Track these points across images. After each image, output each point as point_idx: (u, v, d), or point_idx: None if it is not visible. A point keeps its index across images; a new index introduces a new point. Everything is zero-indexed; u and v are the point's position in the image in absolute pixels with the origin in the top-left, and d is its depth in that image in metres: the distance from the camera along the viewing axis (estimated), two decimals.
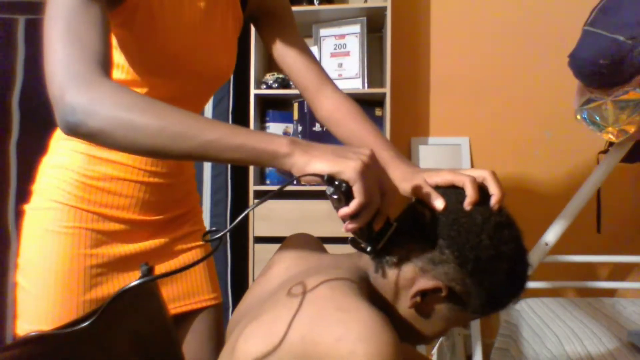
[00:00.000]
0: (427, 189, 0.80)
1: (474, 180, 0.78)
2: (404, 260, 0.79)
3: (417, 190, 0.82)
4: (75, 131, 0.69)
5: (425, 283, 0.76)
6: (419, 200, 0.81)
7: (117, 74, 0.94)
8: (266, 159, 0.68)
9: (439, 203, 0.77)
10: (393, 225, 0.77)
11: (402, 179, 0.86)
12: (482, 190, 0.78)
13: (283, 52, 1.12)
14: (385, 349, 0.61)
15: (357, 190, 0.65)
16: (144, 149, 0.69)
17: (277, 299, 0.76)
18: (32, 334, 0.65)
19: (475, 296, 0.77)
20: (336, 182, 0.66)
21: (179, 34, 0.94)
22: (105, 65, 0.73)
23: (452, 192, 0.79)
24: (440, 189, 0.80)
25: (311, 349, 0.64)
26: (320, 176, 0.66)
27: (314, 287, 0.72)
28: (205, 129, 0.67)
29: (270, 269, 0.92)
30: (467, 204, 0.76)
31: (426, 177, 0.82)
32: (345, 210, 0.67)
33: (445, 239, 0.75)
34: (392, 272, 0.80)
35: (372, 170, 0.67)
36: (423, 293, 0.77)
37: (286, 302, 0.72)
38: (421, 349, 2.37)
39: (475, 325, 2.17)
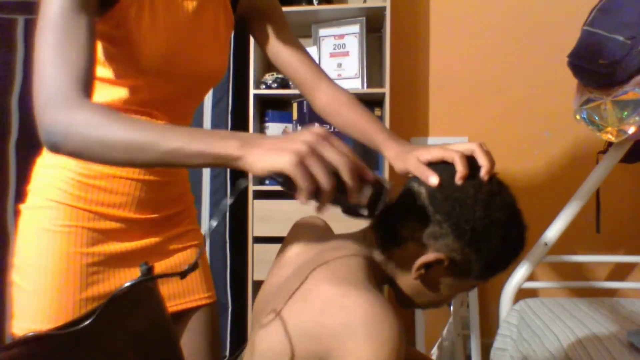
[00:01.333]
0: (420, 167, 0.85)
1: (462, 155, 0.83)
2: (407, 238, 0.84)
3: (411, 168, 0.87)
4: (55, 151, 0.75)
5: (427, 256, 0.82)
6: (414, 177, 0.87)
7: (108, 73, 0.95)
8: (223, 163, 0.70)
9: (433, 179, 0.82)
10: (385, 189, 0.76)
11: (396, 158, 0.93)
12: (472, 163, 0.83)
13: (277, 50, 1.15)
14: (385, 330, 0.67)
15: (298, 181, 0.65)
16: (117, 162, 0.75)
17: (290, 287, 0.82)
18: (31, 334, 0.64)
19: (475, 263, 0.83)
20: (278, 179, 0.68)
21: (170, 34, 0.95)
22: (87, 83, 0.77)
23: (444, 168, 0.83)
24: (433, 165, 0.85)
25: (321, 331, 0.70)
26: (266, 176, 0.68)
27: (323, 275, 0.78)
28: (167, 138, 0.71)
29: (283, 257, 0.97)
30: (458, 179, 0.81)
31: (418, 155, 0.87)
32: (300, 199, 0.67)
33: (442, 214, 0.81)
34: (396, 250, 0.86)
35: (314, 155, 0.66)
36: (427, 265, 0.83)
37: (300, 290, 0.79)
38: (420, 348, 2.37)
39: (475, 325, 2.17)
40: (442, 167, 0.83)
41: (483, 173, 0.82)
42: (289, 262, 0.94)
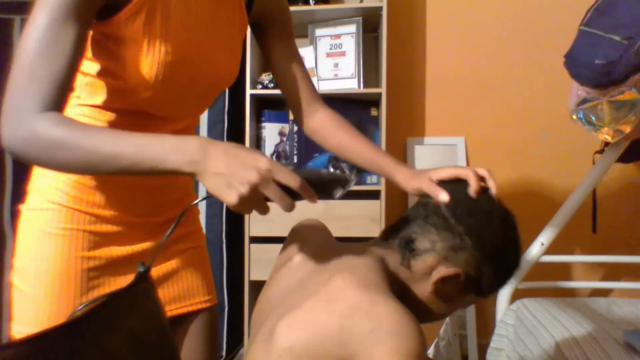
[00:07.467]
0: (432, 186, 0.92)
1: (476, 172, 0.90)
2: (427, 249, 0.87)
3: (423, 186, 0.93)
4: (15, 157, 0.77)
5: (446, 271, 0.86)
6: (427, 196, 0.93)
7: (109, 74, 0.92)
8: (176, 174, 0.75)
9: (443, 196, 0.88)
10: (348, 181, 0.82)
11: (409, 179, 0.99)
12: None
13: (280, 60, 1.15)
14: (412, 342, 0.69)
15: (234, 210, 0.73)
16: (77, 173, 0.82)
17: (310, 289, 0.81)
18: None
19: (487, 279, 0.87)
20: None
21: (181, 40, 0.92)
22: (60, 95, 0.77)
23: (459, 185, 0.89)
24: (446, 183, 0.91)
25: (347, 336, 0.71)
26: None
27: (348, 281, 0.78)
28: (117, 157, 0.74)
29: (290, 260, 0.97)
30: (472, 192, 0.88)
31: (431, 175, 0.94)
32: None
33: (464, 226, 0.85)
34: (415, 262, 0.89)
35: (253, 197, 0.72)
36: (443, 279, 0.87)
37: (321, 293, 0.79)
38: None
39: (471, 325, 2.18)
40: (454, 185, 0.89)
41: (494, 192, 0.90)
42: (298, 265, 0.93)
